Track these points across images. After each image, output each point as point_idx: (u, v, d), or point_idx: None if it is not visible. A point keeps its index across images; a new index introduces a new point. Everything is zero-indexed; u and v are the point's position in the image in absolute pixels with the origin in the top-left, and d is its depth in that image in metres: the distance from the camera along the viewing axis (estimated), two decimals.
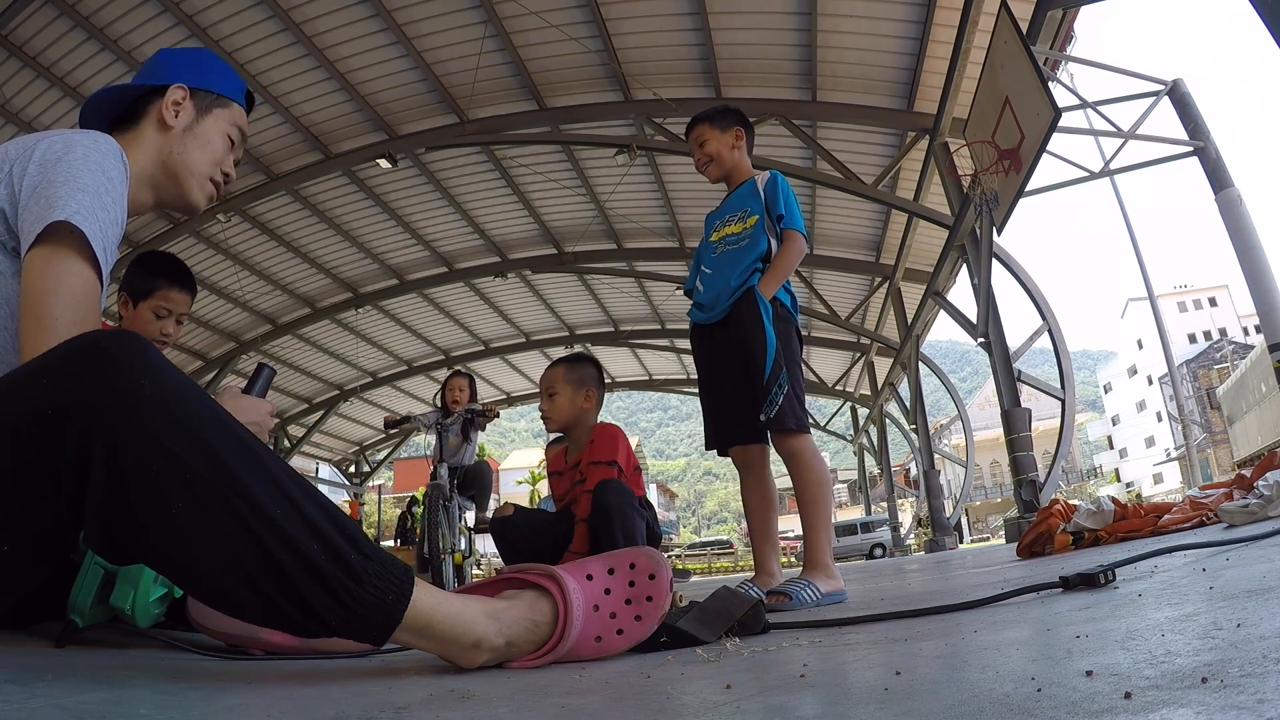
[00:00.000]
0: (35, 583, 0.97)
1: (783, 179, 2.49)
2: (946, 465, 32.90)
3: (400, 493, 40.78)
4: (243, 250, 11.53)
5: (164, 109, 1.29)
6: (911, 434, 12.91)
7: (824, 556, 2.27)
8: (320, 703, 0.79)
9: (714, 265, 2.49)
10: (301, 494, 0.87)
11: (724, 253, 2.47)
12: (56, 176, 1.04)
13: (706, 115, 2.62)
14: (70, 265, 1.00)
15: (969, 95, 6.86)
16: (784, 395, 2.25)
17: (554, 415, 2.65)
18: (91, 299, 1.01)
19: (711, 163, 2.57)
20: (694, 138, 2.61)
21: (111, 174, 1.10)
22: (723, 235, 2.51)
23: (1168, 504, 3.31)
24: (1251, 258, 6.42)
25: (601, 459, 2.55)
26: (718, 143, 2.56)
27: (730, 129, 2.58)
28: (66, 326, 0.96)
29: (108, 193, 1.07)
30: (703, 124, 2.60)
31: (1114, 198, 29.90)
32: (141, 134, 1.28)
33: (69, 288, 0.98)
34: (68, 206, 1.01)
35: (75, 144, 1.10)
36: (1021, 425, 7.37)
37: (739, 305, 2.35)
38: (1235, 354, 34.05)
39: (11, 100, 7.61)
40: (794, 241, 2.40)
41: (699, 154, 2.59)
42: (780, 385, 2.25)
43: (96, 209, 1.04)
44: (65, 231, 1.00)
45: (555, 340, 16.66)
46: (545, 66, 8.55)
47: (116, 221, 1.09)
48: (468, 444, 5.11)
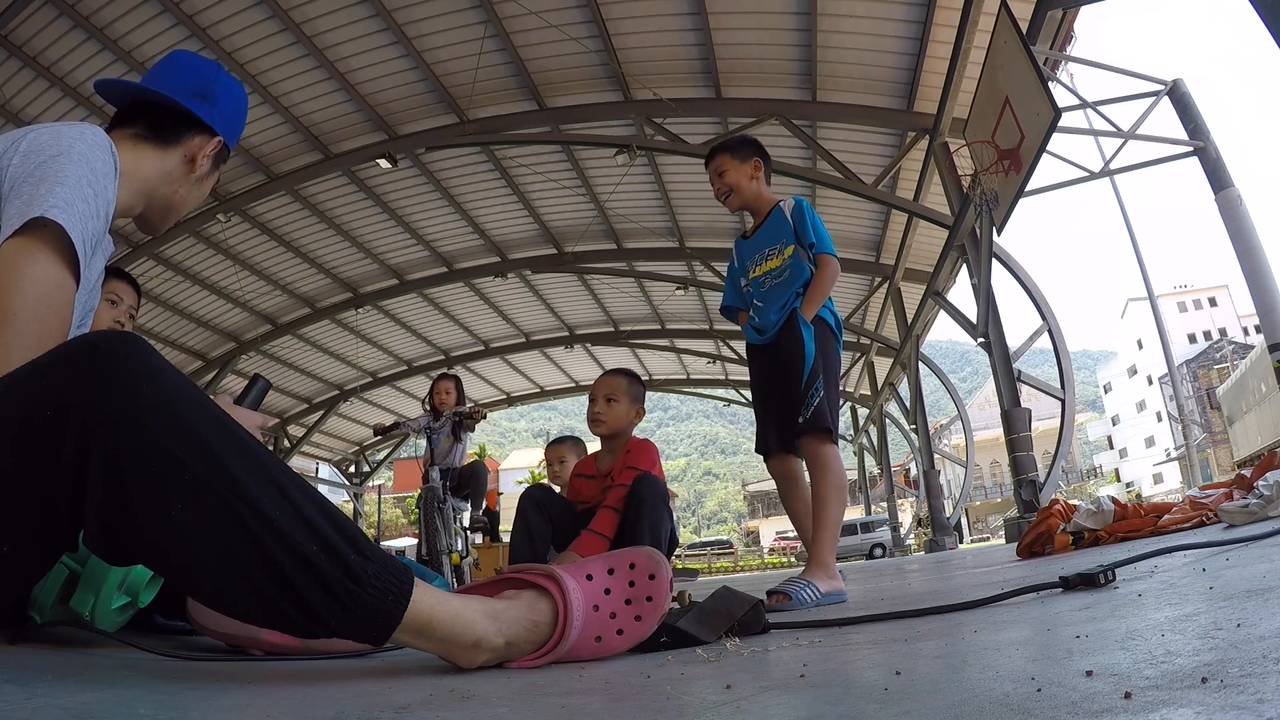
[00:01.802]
0: (35, 583, 0.98)
1: (807, 205, 2.65)
2: (946, 465, 32.90)
3: (400, 493, 40.81)
4: (243, 250, 11.53)
5: (200, 155, 1.32)
6: (911, 434, 12.91)
7: (826, 557, 2.35)
8: (320, 703, 0.79)
9: (765, 299, 2.69)
10: (300, 495, 0.87)
11: (771, 287, 2.66)
12: (38, 170, 1.03)
13: (725, 146, 2.74)
14: (38, 259, 0.98)
15: (969, 95, 6.86)
16: (820, 399, 2.43)
17: (609, 420, 2.72)
18: (57, 293, 0.99)
19: (732, 193, 2.68)
20: (714, 168, 2.72)
21: (96, 165, 1.09)
22: (766, 270, 2.67)
23: (1168, 504, 3.31)
24: (1251, 258, 6.42)
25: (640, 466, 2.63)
26: (737, 173, 2.68)
27: (749, 159, 2.70)
28: (26, 321, 0.94)
29: (89, 184, 1.06)
30: (722, 154, 2.71)
31: (1114, 198, 29.91)
32: (168, 157, 1.29)
33: (32, 280, 0.97)
34: (46, 200, 1.00)
35: (61, 135, 1.09)
36: (1021, 425, 7.37)
37: (784, 327, 2.56)
38: (1235, 354, 34.03)
39: (11, 100, 7.61)
40: (828, 265, 2.56)
41: (719, 184, 2.70)
42: (817, 389, 2.43)
43: (76, 200, 1.03)
44: (39, 225, 0.99)
45: (555, 340, 16.66)
46: (545, 66, 8.55)
47: (98, 213, 1.08)
48: (458, 445, 5.14)
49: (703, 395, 21.75)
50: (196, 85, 1.32)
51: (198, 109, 1.30)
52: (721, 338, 15.88)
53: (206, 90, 1.32)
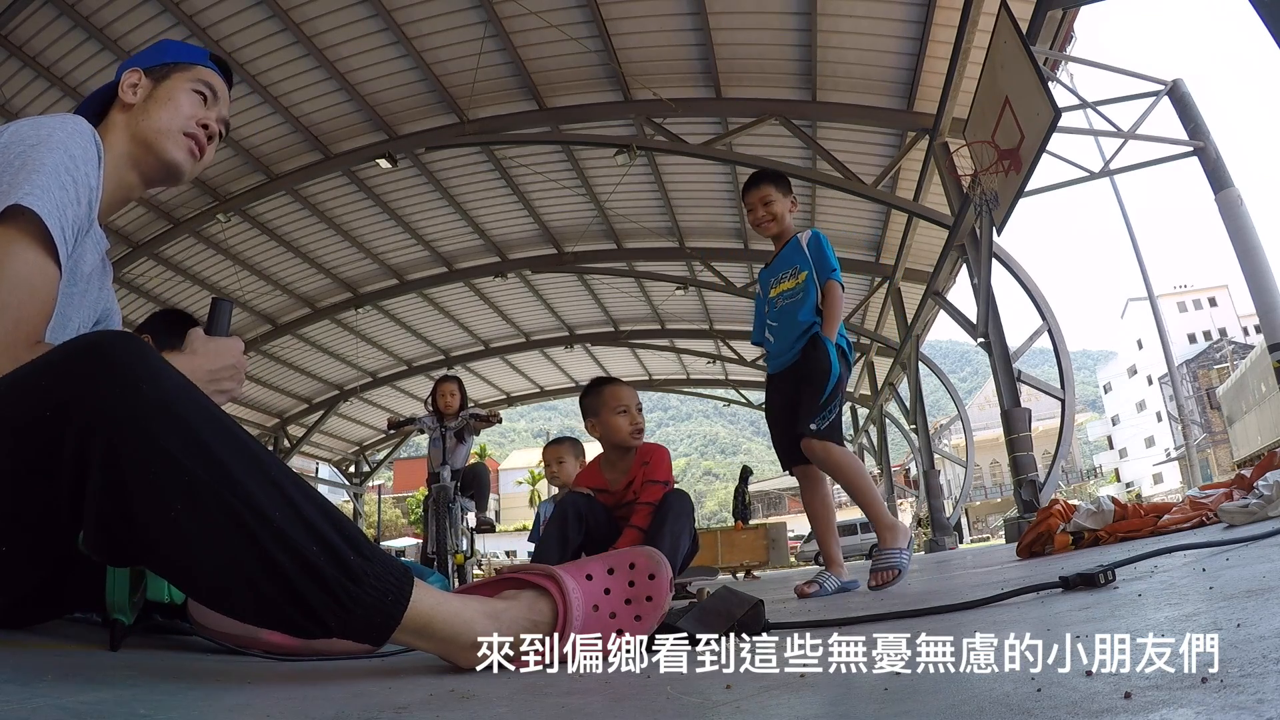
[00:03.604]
0: (34, 583, 0.98)
1: (824, 237, 2.94)
2: (946, 465, 32.88)
3: (400, 493, 40.82)
4: (243, 250, 11.53)
5: (121, 91, 1.31)
6: (911, 434, 12.90)
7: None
8: (320, 703, 0.79)
9: (778, 319, 2.96)
10: (300, 495, 0.87)
11: (783, 307, 2.93)
12: (16, 160, 1.03)
13: (770, 178, 3.03)
14: (15, 248, 0.98)
15: (969, 95, 6.86)
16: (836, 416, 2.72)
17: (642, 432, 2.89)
18: (37, 279, 0.99)
19: (774, 221, 2.98)
20: (760, 197, 2.98)
21: (75, 152, 1.09)
22: (780, 291, 2.95)
23: (1168, 504, 3.31)
24: (1251, 258, 6.42)
25: (659, 478, 2.74)
26: (781, 205, 2.98)
27: (789, 195, 3.03)
28: (3, 307, 0.94)
29: (68, 171, 1.06)
30: (769, 186, 3.00)
31: (1114, 198, 29.89)
32: (110, 121, 1.30)
33: (11, 270, 0.96)
34: (21, 188, 0.99)
35: (41, 125, 1.09)
36: (1021, 425, 7.37)
37: (806, 349, 2.82)
38: (1235, 354, 34.02)
39: (11, 100, 7.61)
40: (835, 291, 2.83)
41: (763, 211, 2.97)
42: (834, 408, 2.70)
43: (53, 187, 1.02)
44: (14, 213, 0.98)
45: (555, 340, 16.66)
46: (545, 66, 8.55)
47: (78, 200, 1.07)
48: (462, 446, 5.17)
49: (703, 395, 21.75)
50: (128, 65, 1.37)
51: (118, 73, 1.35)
52: (721, 338, 15.88)
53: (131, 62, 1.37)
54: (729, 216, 11.76)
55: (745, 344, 15.84)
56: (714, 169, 10.41)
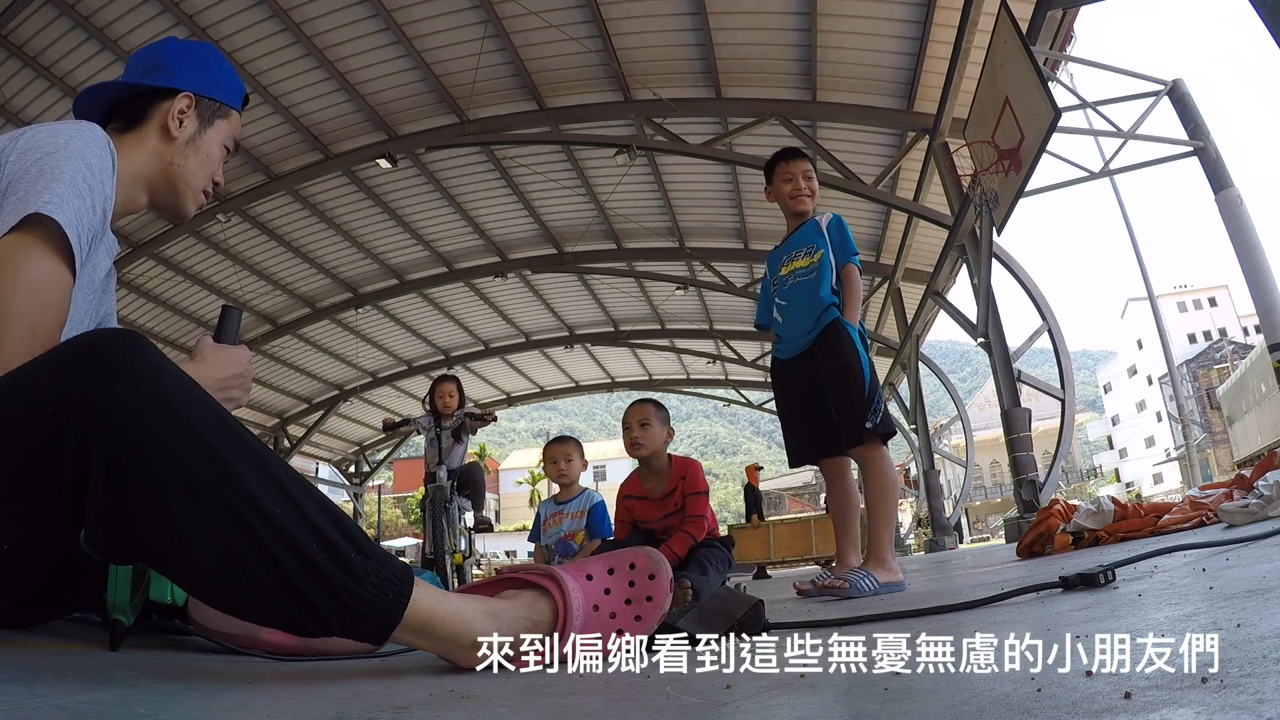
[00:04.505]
0: (35, 582, 0.98)
1: (844, 222, 2.91)
2: (946, 465, 32.86)
3: (400, 493, 40.81)
4: (243, 250, 11.52)
5: (169, 119, 1.28)
6: (911, 434, 12.89)
7: (884, 551, 2.56)
8: (320, 703, 0.79)
9: (787, 296, 2.86)
10: (301, 493, 0.87)
11: (795, 284, 2.84)
12: (34, 167, 1.03)
13: (809, 157, 3.04)
14: (33, 255, 0.98)
15: (969, 95, 6.85)
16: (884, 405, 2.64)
17: (647, 443, 2.92)
18: (54, 289, 0.99)
19: (810, 197, 2.96)
20: (803, 170, 2.96)
21: (92, 161, 1.08)
22: (792, 269, 2.89)
23: (1168, 504, 3.31)
24: (1251, 258, 6.42)
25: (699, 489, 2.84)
26: (815, 184, 2.98)
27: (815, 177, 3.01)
28: (21, 316, 0.94)
29: (85, 180, 1.06)
30: (808, 162, 2.99)
31: (1114, 198, 29.87)
32: (144, 137, 1.27)
33: (28, 277, 0.96)
34: (41, 196, 0.99)
35: (58, 133, 1.09)
36: (1021, 425, 7.36)
37: (828, 333, 2.70)
38: (1235, 354, 34.00)
39: (11, 100, 7.61)
40: (854, 275, 2.79)
41: (805, 184, 2.95)
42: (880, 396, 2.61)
43: (71, 196, 1.02)
44: (35, 221, 0.98)
45: (555, 340, 16.65)
46: (545, 66, 8.55)
47: (94, 209, 1.07)
48: (458, 446, 5.18)
49: (703, 395, 21.72)
50: (146, 63, 1.33)
51: (151, 80, 1.30)
52: (721, 338, 15.86)
53: (155, 62, 1.32)
54: (729, 216, 11.75)
55: (745, 344, 15.84)
56: (714, 169, 10.41)
